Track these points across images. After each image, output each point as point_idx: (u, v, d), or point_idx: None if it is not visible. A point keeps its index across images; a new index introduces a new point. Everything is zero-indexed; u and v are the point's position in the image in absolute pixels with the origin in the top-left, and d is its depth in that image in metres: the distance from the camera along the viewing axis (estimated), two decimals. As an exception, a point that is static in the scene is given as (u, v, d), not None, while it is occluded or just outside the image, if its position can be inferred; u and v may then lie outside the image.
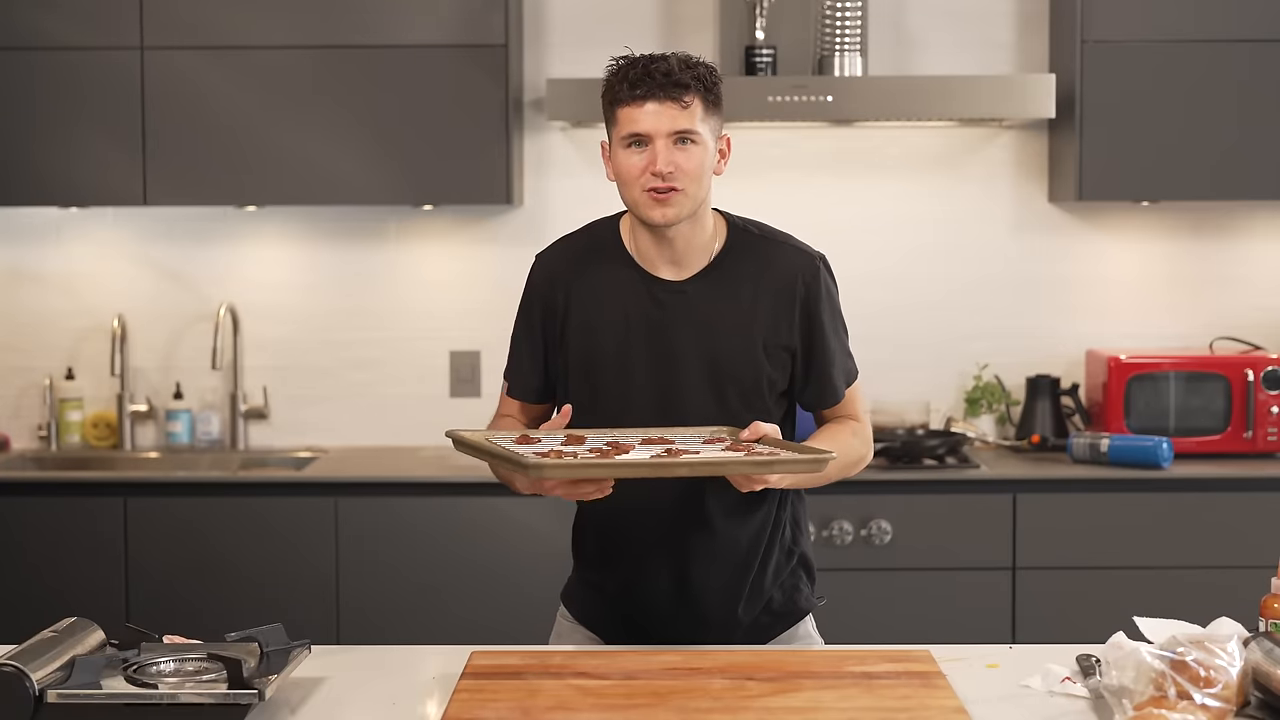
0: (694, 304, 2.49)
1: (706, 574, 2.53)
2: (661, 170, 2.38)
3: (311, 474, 4.24)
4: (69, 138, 4.30)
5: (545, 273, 2.59)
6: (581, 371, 2.52)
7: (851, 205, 4.62)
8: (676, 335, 2.48)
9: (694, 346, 2.48)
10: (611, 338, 2.49)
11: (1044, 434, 4.42)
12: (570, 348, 2.53)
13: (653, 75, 2.38)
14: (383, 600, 4.10)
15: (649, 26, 4.58)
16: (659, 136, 2.38)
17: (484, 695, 2.19)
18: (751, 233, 2.57)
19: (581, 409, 2.49)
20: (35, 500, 4.16)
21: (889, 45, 4.54)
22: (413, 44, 4.28)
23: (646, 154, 2.39)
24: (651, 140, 2.39)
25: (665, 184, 2.38)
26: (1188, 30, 4.26)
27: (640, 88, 2.38)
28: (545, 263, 2.60)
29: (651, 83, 2.38)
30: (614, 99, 2.43)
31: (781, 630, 2.65)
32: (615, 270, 2.51)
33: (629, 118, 2.40)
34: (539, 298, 2.58)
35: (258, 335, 4.64)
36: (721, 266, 2.51)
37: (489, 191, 4.32)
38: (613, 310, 2.50)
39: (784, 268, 2.52)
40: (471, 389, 4.63)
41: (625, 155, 2.42)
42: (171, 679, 2.16)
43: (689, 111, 2.39)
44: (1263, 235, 4.61)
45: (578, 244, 2.59)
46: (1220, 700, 2.03)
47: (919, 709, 2.13)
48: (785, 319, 2.51)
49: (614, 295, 2.50)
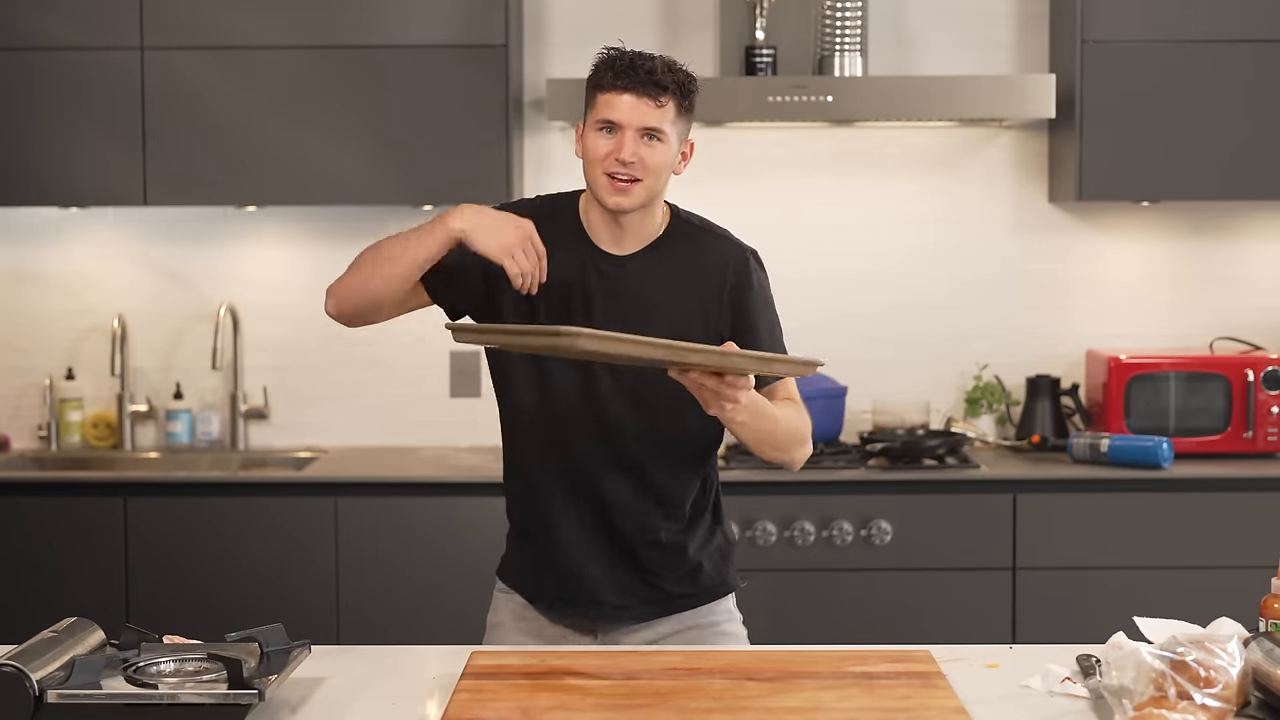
0: (632, 278, 2.61)
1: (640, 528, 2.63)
2: (625, 159, 2.51)
3: (311, 474, 4.24)
4: (69, 138, 4.30)
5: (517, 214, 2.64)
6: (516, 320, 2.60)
7: (851, 205, 4.62)
8: (612, 304, 2.60)
9: (627, 316, 2.57)
10: (551, 296, 2.59)
11: (1044, 434, 4.42)
12: (508, 295, 2.59)
13: (636, 71, 2.52)
14: (383, 600, 4.10)
15: (649, 26, 4.58)
16: (629, 128, 2.52)
17: (484, 695, 2.19)
18: (692, 223, 2.71)
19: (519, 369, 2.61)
20: (35, 500, 4.16)
21: (889, 45, 4.55)
22: (413, 44, 4.28)
23: (615, 141, 2.53)
24: (622, 129, 2.52)
25: (626, 173, 2.52)
26: (1188, 30, 4.26)
27: (623, 79, 2.53)
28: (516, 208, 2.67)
29: (634, 77, 2.52)
30: (597, 84, 2.57)
31: (707, 602, 2.71)
32: (566, 237, 2.62)
33: (606, 103, 2.54)
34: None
35: (258, 335, 4.65)
36: (660, 248, 2.65)
37: (489, 191, 4.31)
38: (557, 273, 2.59)
39: (716, 256, 2.66)
40: (472, 389, 4.63)
41: (595, 137, 2.55)
42: (171, 679, 2.16)
43: (662, 111, 2.54)
44: (1263, 235, 4.61)
45: (536, 206, 2.69)
46: (1220, 700, 2.03)
47: (919, 709, 2.13)
48: (714, 304, 2.63)
49: (560, 259, 2.59)
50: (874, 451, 4.24)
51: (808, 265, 4.60)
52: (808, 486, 4.08)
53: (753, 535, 4.05)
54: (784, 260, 4.57)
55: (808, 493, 4.08)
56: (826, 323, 4.59)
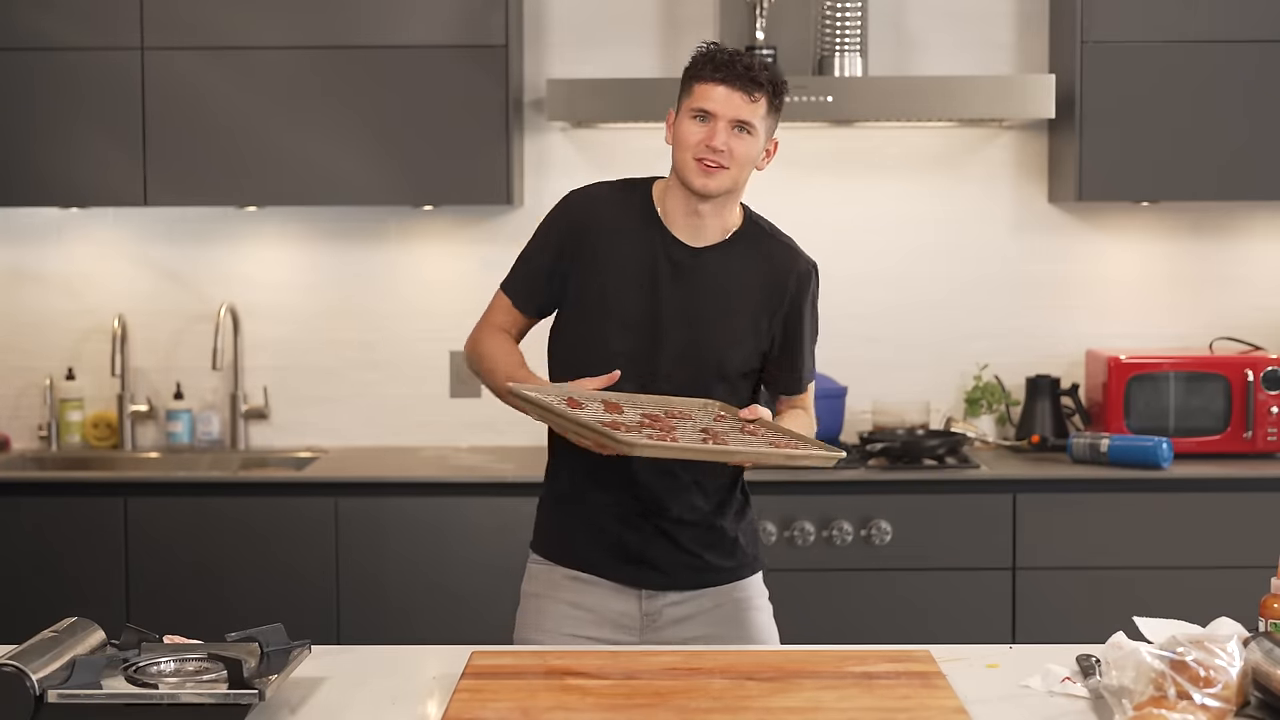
0: (703, 270, 2.72)
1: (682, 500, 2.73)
2: (718, 146, 2.63)
3: (311, 474, 4.24)
4: (69, 138, 4.30)
5: (578, 206, 2.77)
6: (589, 305, 2.71)
7: (851, 205, 4.62)
8: (681, 293, 2.70)
9: (691, 308, 2.71)
10: (622, 283, 2.70)
11: (1044, 434, 4.42)
12: (583, 282, 2.72)
13: (735, 65, 2.64)
14: (383, 600, 4.10)
15: (649, 26, 4.58)
16: (723, 118, 2.64)
17: (484, 695, 2.19)
18: (762, 227, 2.83)
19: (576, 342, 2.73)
20: (35, 500, 4.16)
21: (889, 45, 4.55)
22: (413, 44, 4.28)
23: (707, 128, 2.65)
24: (715, 119, 2.64)
25: (715, 159, 2.64)
26: (1188, 30, 4.26)
27: (721, 72, 2.64)
28: (579, 199, 2.79)
29: (731, 71, 2.64)
30: (695, 74, 2.68)
31: (744, 576, 2.80)
32: (641, 224, 2.73)
33: (703, 93, 2.65)
34: (566, 227, 2.75)
35: (258, 335, 4.65)
36: (732, 245, 2.75)
37: (489, 191, 4.32)
38: (631, 259, 2.71)
39: (782, 263, 2.79)
40: (472, 389, 4.63)
41: (689, 124, 2.66)
42: (172, 679, 2.16)
43: (754, 106, 2.65)
44: (1263, 235, 4.61)
45: (613, 190, 2.79)
46: (1220, 700, 2.03)
47: (919, 709, 2.13)
48: (774, 309, 2.77)
49: (635, 245, 2.72)
50: (874, 451, 4.24)
51: (808, 265, 4.59)
52: (808, 486, 4.08)
53: (753, 535, 4.05)
54: (784, 260, 4.58)
55: (808, 493, 4.08)
56: (826, 323, 4.57)
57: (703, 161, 2.65)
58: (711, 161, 2.64)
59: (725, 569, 2.77)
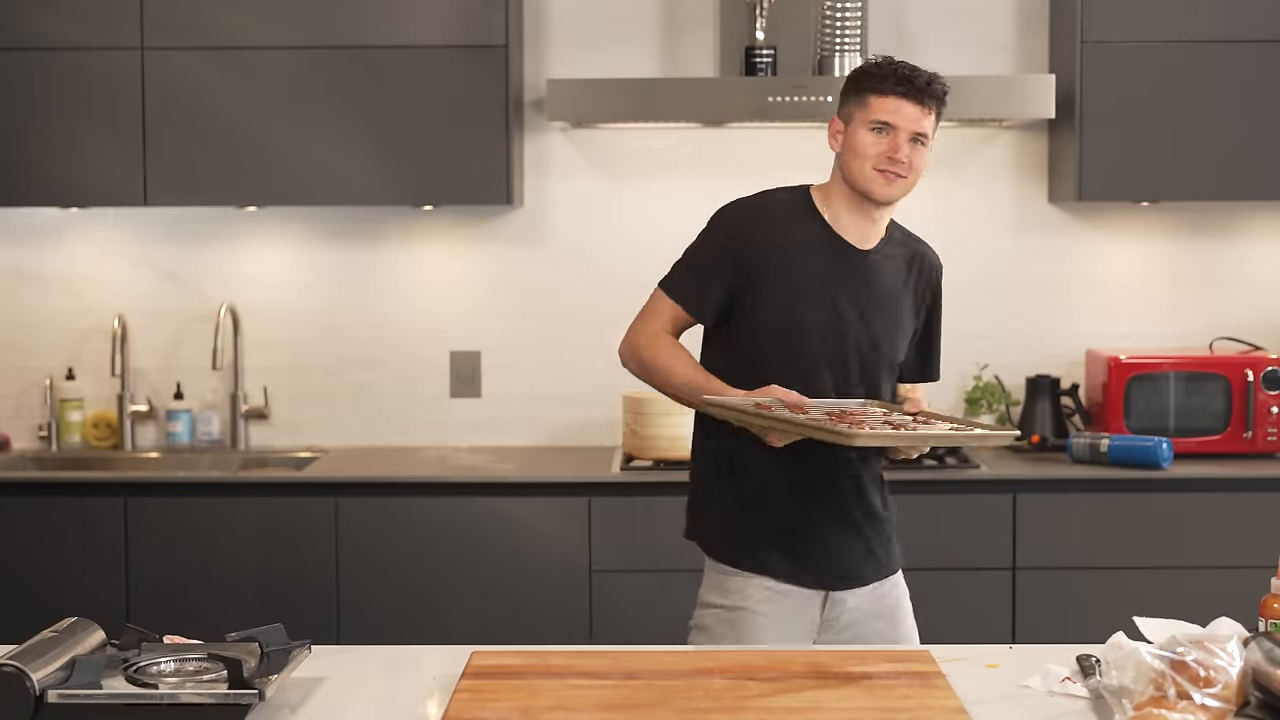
0: (872, 270, 2.88)
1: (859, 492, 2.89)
2: (901, 158, 2.78)
3: (311, 474, 4.24)
4: (69, 138, 4.30)
5: (746, 216, 2.87)
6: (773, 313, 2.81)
7: (851, 205, 4.61)
8: (856, 293, 2.85)
9: (869, 307, 2.86)
10: (805, 290, 2.82)
11: (1044, 434, 4.42)
12: (763, 292, 2.81)
13: (914, 80, 2.79)
14: (383, 600, 4.10)
15: (649, 26, 4.58)
16: (903, 130, 2.79)
17: (484, 695, 2.19)
18: (903, 228, 3.00)
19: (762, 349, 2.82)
20: (35, 500, 4.16)
21: (889, 46, 4.54)
22: (413, 44, 4.28)
23: (887, 140, 2.79)
24: (896, 131, 2.79)
25: (894, 170, 2.79)
26: (1187, 31, 4.26)
27: (902, 86, 2.78)
28: (745, 208, 2.89)
29: (911, 85, 2.78)
30: (872, 87, 2.81)
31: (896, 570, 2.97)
32: (812, 231, 2.86)
33: (882, 106, 2.79)
34: (738, 242, 2.84)
35: (258, 335, 4.65)
36: (889, 246, 2.92)
37: (489, 191, 4.32)
38: (809, 266, 2.83)
39: (925, 260, 2.99)
40: (472, 389, 4.64)
41: (868, 135, 2.80)
42: (172, 679, 2.16)
43: (929, 119, 2.81)
44: (1263, 235, 4.61)
45: (774, 199, 2.91)
46: (1220, 700, 2.03)
47: (919, 709, 2.13)
48: (919, 305, 2.97)
49: (810, 252, 2.84)
50: (874, 451, 4.24)
51: (808, 265, 4.60)
52: (808, 486, 4.08)
53: (753, 535, 4.05)
54: (784, 260, 4.57)
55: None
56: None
57: (885, 172, 2.79)
58: (892, 172, 2.79)
59: (889, 563, 2.93)
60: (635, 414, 4.25)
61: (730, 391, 2.77)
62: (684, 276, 2.90)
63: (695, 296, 2.87)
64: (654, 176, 4.59)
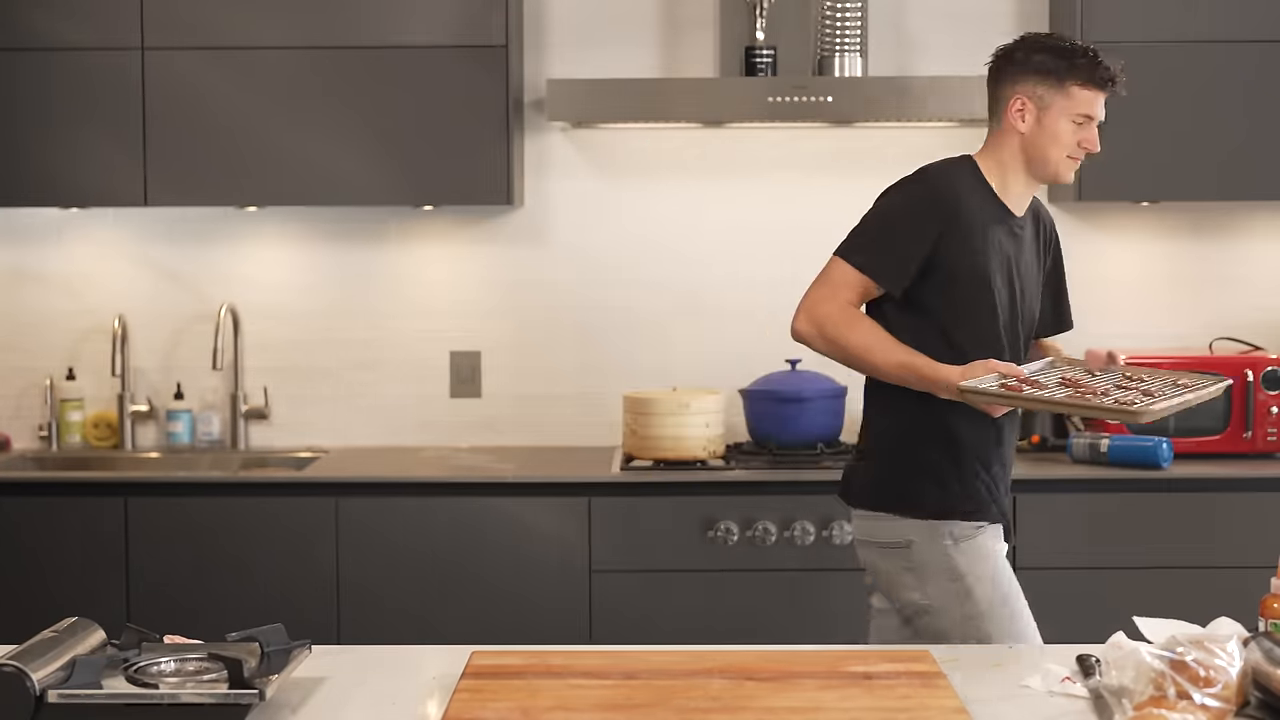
0: (1026, 237, 3.04)
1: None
2: (1098, 149, 2.97)
3: (312, 474, 4.24)
4: (69, 138, 4.31)
5: (944, 188, 2.95)
6: (970, 285, 2.91)
7: (852, 205, 4.60)
8: (1022, 262, 3.02)
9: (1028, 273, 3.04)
10: (992, 261, 2.94)
11: (1044, 434, 4.42)
12: (960, 265, 2.91)
13: (1110, 72, 2.95)
14: (383, 600, 4.10)
15: (649, 26, 4.58)
16: (1097, 120, 2.96)
17: (484, 695, 2.19)
18: None
19: (956, 321, 2.92)
20: (35, 500, 4.16)
21: (889, 46, 4.55)
22: (413, 44, 4.28)
23: (1084, 131, 2.95)
24: (1091, 122, 2.95)
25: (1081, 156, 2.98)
26: (1187, 31, 4.26)
27: (1110, 83, 2.96)
28: (941, 180, 2.98)
29: (1107, 77, 2.95)
30: (1080, 79, 2.93)
31: None
32: (992, 204, 2.98)
33: (1088, 100, 2.94)
34: (940, 215, 2.92)
35: (258, 335, 4.65)
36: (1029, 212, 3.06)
37: (489, 191, 4.32)
38: (994, 238, 2.95)
39: (1044, 216, 3.15)
40: (471, 389, 4.64)
41: (1069, 126, 2.94)
42: (172, 679, 2.16)
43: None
44: (1263, 235, 4.61)
45: (960, 171, 3.00)
46: (1220, 700, 2.03)
47: (919, 709, 2.13)
48: (1044, 258, 3.13)
49: (994, 225, 2.96)
50: (874, 451, 4.24)
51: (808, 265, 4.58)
52: (808, 486, 4.08)
53: (753, 535, 4.05)
54: (784, 260, 4.58)
55: (808, 493, 4.08)
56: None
57: (1075, 159, 2.97)
58: (1079, 158, 2.97)
59: None
60: (635, 414, 4.25)
61: (940, 369, 2.83)
62: (877, 247, 2.94)
63: (893, 268, 2.91)
64: (654, 176, 4.59)
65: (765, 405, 4.34)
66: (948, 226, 2.90)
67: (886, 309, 2.96)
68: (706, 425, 4.23)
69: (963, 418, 2.92)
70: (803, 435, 4.29)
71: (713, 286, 4.61)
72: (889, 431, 3.01)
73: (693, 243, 4.59)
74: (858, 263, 2.92)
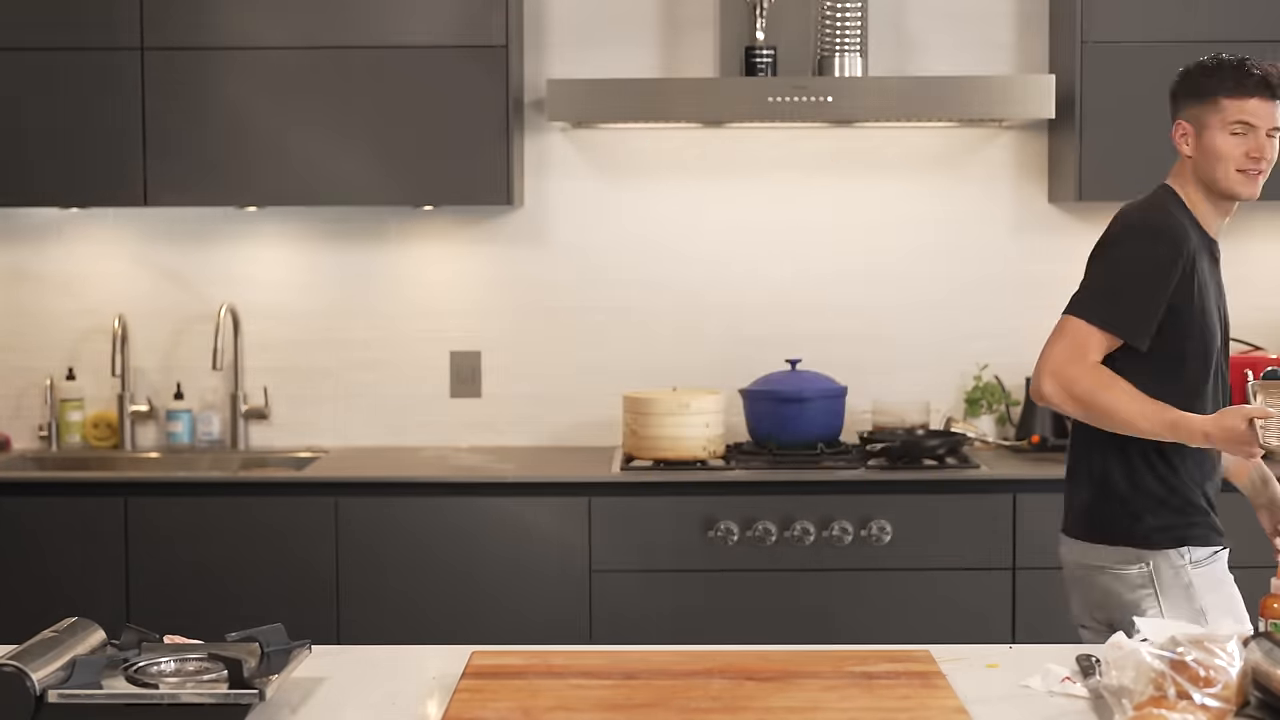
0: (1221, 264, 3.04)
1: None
2: (1268, 156, 2.90)
3: (312, 474, 4.24)
4: (69, 138, 4.30)
5: (1180, 238, 2.92)
6: (1198, 328, 2.92)
7: (852, 205, 4.62)
8: (1217, 286, 3.00)
9: (1220, 294, 3.01)
10: (1211, 299, 2.95)
11: (1044, 434, 4.42)
12: (1191, 310, 2.90)
13: (1268, 79, 2.89)
14: (383, 600, 4.10)
15: (649, 26, 4.58)
16: (1263, 128, 2.89)
17: (484, 695, 2.19)
18: None
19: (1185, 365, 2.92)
20: (35, 500, 4.16)
21: (889, 46, 4.55)
22: (413, 44, 4.28)
23: (1247, 140, 2.90)
24: (1256, 130, 2.89)
25: (1255, 167, 2.91)
26: (1188, 30, 4.26)
27: (1260, 87, 2.88)
28: (1176, 225, 2.94)
29: (1266, 84, 2.89)
30: (1223, 90, 2.90)
31: None
32: (1197, 231, 2.96)
33: (1241, 108, 2.89)
34: (1176, 261, 2.90)
35: (258, 335, 4.65)
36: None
37: (489, 192, 4.32)
38: (1208, 275, 2.95)
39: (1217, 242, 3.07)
40: (472, 389, 4.64)
41: (1228, 138, 2.91)
42: (172, 679, 2.16)
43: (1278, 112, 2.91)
44: (1263, 235, 4.61)
45: (1178, 211, 2.97)
46: (1220, 700, 2.03)
47: (919, 709, 2.13)
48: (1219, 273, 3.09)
49: (1201, 254, 2.93)
50: (874, 451, 4.24)
51: (808, 265, 4.60)
52: (808, 486, 4.08)
53: (753, 535, 4.05)
54: (784, 260, 4.58)
55: (808, 493, 4.08)
56: (825, 323, 4.60)
57: (1246, 171, 2.90)
58: (1253, 170, 2.90)
59: None
60: (635, 414, 4.25)
61: (1193, 421, 2.82)
62: (1119, 302, 2.91)
63: (1139, 322, 2.90)
64: (654, 176, 4.59)
65: (765, 405, 4.34)
66: (1184, 273, 2.90)
67: (1115, 353, 2.93)
68: (706, 425, 4.23)
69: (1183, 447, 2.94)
70: (803, 435, 4.29)
71: (713, 286, 4.61)
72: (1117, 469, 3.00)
73: (693, 243, 4.59)
74: (1100, 320, 2.89)
